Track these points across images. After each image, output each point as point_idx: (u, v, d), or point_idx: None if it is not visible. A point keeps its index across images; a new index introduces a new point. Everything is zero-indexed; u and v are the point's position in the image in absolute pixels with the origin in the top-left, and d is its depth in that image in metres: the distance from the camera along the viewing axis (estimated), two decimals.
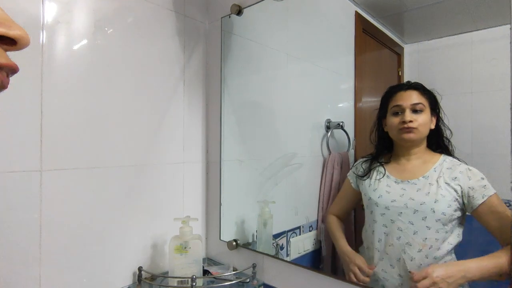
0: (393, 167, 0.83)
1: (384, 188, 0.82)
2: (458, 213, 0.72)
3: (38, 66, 0.81)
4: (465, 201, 0.72)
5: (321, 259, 1.02)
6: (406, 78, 0.88)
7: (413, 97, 0.78)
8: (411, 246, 0.75)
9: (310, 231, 1.04)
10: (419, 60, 0.87)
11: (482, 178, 0.70)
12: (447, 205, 0.72)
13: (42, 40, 0.82)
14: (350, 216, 0.98)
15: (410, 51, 0.88)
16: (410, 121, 0.76)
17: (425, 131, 0.77)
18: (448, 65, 0.82)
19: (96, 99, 0.93)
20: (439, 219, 0.72)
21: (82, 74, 0.90)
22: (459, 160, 0.74)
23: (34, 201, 0.81)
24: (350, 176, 0.93)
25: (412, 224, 0.74)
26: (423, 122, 0.77)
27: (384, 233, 0.79)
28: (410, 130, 0.77)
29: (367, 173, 0.87)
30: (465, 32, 0.78)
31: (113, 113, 0.96)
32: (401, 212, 0.76)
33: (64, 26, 0.86)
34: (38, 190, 0.81)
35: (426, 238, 0.73)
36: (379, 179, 0.83)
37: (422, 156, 0.79)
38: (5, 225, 0.76)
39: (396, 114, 0.80)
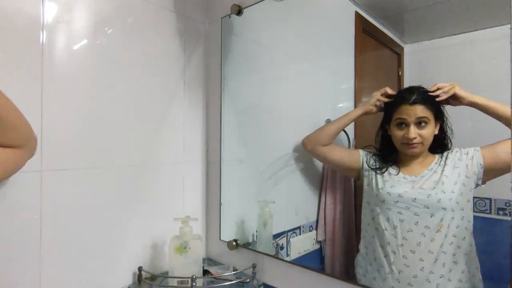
0: (398, 167, 0.85)
1: (395, 181, 0.83)
2: (472, 191, 0.75)
3: (38, 66, 0.81)
4: (475, 170, 0.74)
5: (321, 259, 1.02)
6: (406, 78, 0.88)
7: (417, 112, 0.78)
8: (430, 229, 0.76)
9: (310, 231, 1.04)
10: (419, 60, 0.87)
11: (470, 148, 0.76)
12: (454, 182, 0.75)
13: (42, 40, 0.82)
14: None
15: (410, 51, 0.88)
16: (414, 138, 0.78)
17: (429, 143, 0.79)
18: (448, 65, 0.82)
19: (96, 99, 0.93)
20: (451, 198, 0.74)
21: (82, 74, 0.90)
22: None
23: (34, 201, 0.81)
24: (362, 154, 0.92)
25: (428, 208, 0.76)
26: (427, 135, 0.78)
27: (400, 219, 0.80)
28: (413, 146, 0.79)
29: (378, 169, 0.87)
30: (465, 32, 0.78)
31: (113, 113, 0.96)
32: (415, 198, 0.78)
33: (64, 26, 0.86)
34: (38, 190, 0.81)
35: (442, 219, 0.75)
36: (389, 174, 0.85)
37: (425, 155, 0.82)
38: (5, 225, 0.76)
39: (400, 125, 0.80)
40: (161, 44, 1.10)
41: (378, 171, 0.86)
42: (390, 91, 0.85)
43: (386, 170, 0.85)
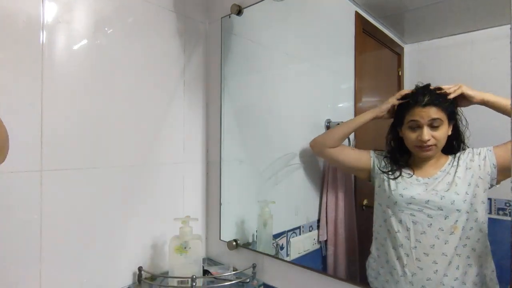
0: (411, 169, 0.83)
1: (408, 183, 0.82)
2: (486, 192, 0.74)
3: (38, 66, 0.81)
4: (488, 170, 0.73)
5: (322, 259, 1.02)
6: (406, 78, 0.88)
7: (430, 113, 0.76)
8: (443, 231, 0.75)
9: (310, 231, 1.04)
10: (419, 60, 0.87)
11: (482, 148, 0.75)
12: (468, 183, 0.74)
13: (42, 40, 0.82)
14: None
15: (410, 51, 0.88)
16: (428, 140, 0.76)
17: (442, 145, 0.78)
18: (448, 65, 0.82)
19: (96, 99, 0.93)
20: (465, 200, 0.73)
21: (82, 74, 0.90)
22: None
23: (34, 201, 0.81)
24: (372, 155, 0.90)
25: (442, 209, 0.75)
26: (441, 137, 0.77)
27: (413, 221, 0.79)
28: (428, 148, 0.77)
29: (390, 171, 0.86)
30: (465, 32, 0.78)
31: (113, 113, 0.96)
32: (428, 200, 0.77)
33: (64, 26, 0.86)
34: (38, 190, 0.81)
35: (457, 221, 0.74)
36: (402, 176, 0.83)
37: (439, 157, 0.80)
38: (5, 225, 0.76)
39: (413, 128, 0.79)
40: (161, 44, 1.10)
41: (390, 173, 0.85)
42: (405, 92, 0.82)
43: (400, 174, 0.83)
